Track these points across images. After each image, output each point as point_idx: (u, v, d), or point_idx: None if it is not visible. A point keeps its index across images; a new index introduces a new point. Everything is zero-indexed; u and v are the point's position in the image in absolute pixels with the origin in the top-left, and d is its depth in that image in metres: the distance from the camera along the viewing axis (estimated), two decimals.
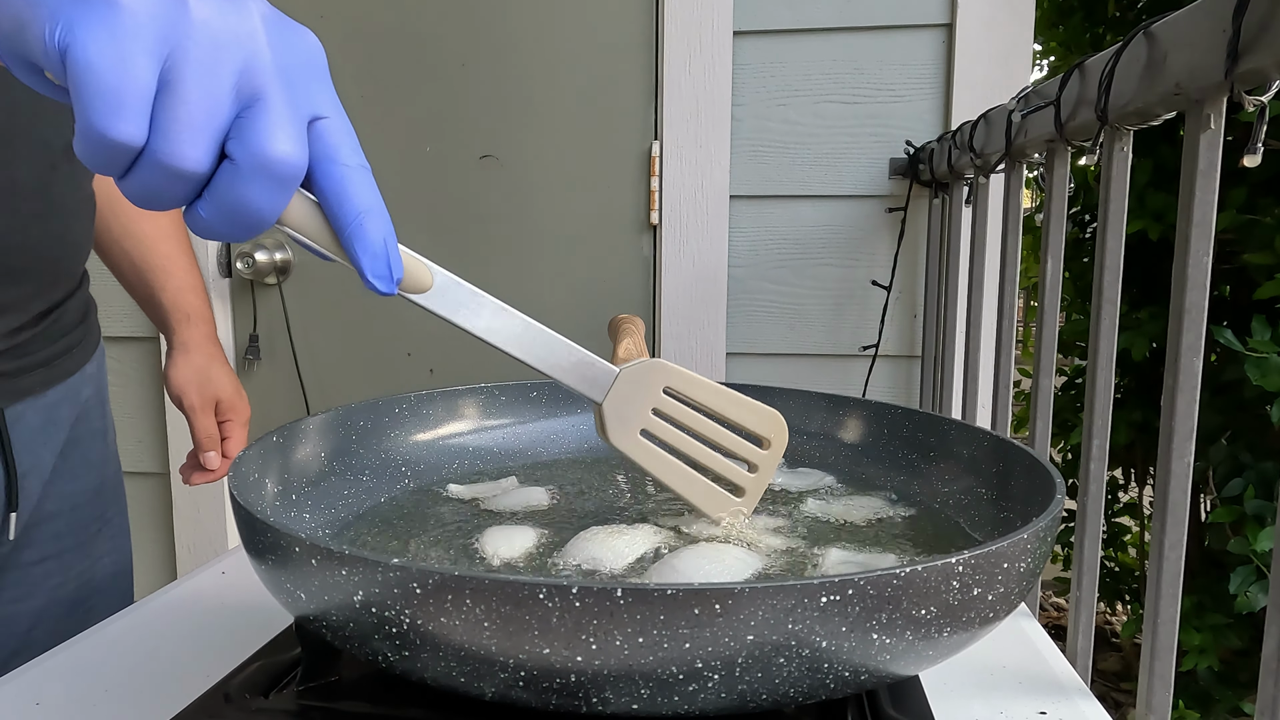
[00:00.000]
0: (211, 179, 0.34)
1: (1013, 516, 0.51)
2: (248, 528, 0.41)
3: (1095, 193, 1.63)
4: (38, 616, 0.76)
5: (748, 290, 1.37)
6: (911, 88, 1.30)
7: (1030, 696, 0.52)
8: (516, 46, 1.41)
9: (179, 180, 0.33)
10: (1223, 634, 1.45)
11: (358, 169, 0.37)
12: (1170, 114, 0.57)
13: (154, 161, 0.32)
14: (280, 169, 0.34)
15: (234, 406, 0.92)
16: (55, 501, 0.77)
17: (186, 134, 0.32)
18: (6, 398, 0.71)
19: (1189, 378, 0.53)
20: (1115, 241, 0.63)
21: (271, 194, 0.34)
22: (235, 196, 0.34)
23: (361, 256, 0.38)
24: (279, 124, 0.34)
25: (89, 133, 0.31)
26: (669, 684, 0.34)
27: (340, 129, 0.37)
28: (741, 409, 0.52)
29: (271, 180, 0.34)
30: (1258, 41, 0.45)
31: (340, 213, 0.37)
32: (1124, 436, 1.66)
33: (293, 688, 0.46)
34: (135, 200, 0.34)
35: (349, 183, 0.37)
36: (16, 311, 0.70)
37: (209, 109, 0.32)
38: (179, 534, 1.55)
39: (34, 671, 0.55)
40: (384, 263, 0.39)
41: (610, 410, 0.50)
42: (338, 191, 0.37)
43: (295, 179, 0.35)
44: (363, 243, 0.38)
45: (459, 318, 0.44)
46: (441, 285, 0.43)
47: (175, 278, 0.89)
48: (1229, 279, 1.49)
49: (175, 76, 0.32)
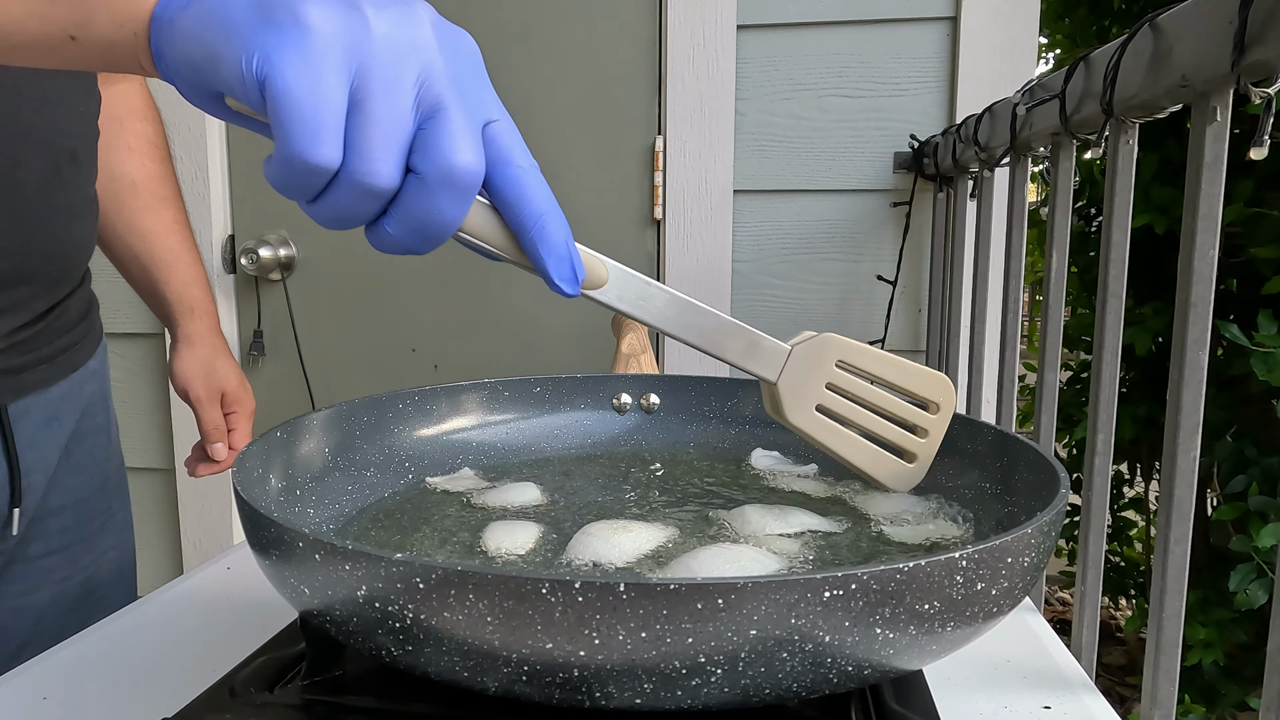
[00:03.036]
0: (398, 194, 0.34)
1: (1017, 511, 0.51)
2: (252, 523, 0.41)
3: (1100, 186, 1.62)
4: (44, 610, 0.77)
5: (752, 285, 1.36)
6: (916, 81, 1.30)
7: (1035, 691, 0.52)
8: (519, 42, 1.41)
9: (370, 198, 0.34)
10: (1228, 629, 1.45)
11: (530, 170, 0.37)
12: (1176, 106, 0.57)
13: (350, 182, 0.33)
14: (464, 179, 0.34)
15: (239, 399, 0.92)
16: (60, 496, 0.77)
17: (379, 152, 0.33)
18: (10, 394, 0.71)
19: (1194, 372, 0.53)
20: (1120, 235, 0.63)
21: (455, 204, 0.35)
22: (423, 210, 0.34)
23: (547, 260, 0.38)
24: (459, 134, 0.34)
25: (291, 160, 0.32)
26: (672, 678, 0.34)
27: (509, 131, 0.37)
28: (910, 376, 0.52)
29: (456, 191, 0.34)
30: (1264, 33, 0.45)
31: (520, 217, 0.38)
32: (1129, 431, 1.66)
33: (297, 682, 0.46)
34: (325, 222, 0.35)
35: (525, 186, 0.37)
36: (21, 310, 0.70)
37: (397, 125, 0.33)
38: (184, 529, 1.56)
39: (41, 666, 0.55)
40: (568, 264, 0.39)
41: (786, 388, 0.50)
42: (516, 195, 0.37)
43: (476, 186, 0.35)
44: (546, 245, 0.38)
45: (638, 311, 0.45)
46: (616, 279, 0.44)
47: (179, 272, 0.89)
48: (1235, 273, 1.48)
49: (364, 95, 0.33)
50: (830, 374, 0.51)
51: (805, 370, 0.50)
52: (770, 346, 0.49)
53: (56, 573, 0.78)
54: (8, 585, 0.75)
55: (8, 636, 0.75)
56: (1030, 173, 0.85)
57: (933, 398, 0.53)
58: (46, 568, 0.77)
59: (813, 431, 0.52)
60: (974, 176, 1.05)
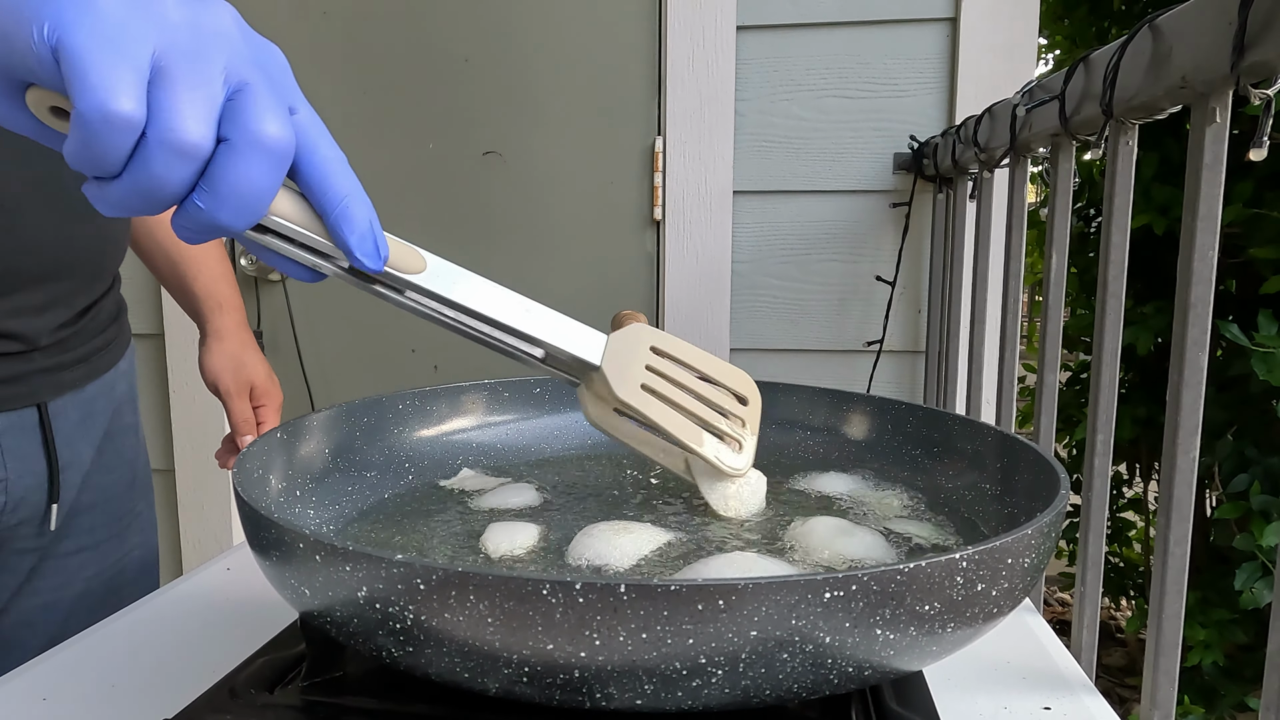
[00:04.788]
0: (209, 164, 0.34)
1: (1017, 512, 0.51)
2: (252, 524, 0.41)
3: (1100, 187, 1.62)
4: (74, 605, 0.78)
5: (751, 286, 1.36)
6: (915, 82, 1.30)
7: (1035, 691, 0.52)
8: (519, 42, 1.41)
9: (182, 160, 0.33)
10: (1228, 629, 1.45)
11: (337, 159, 0.39)
12: (1176, 107, 0.57)
13: (159, 142, 0.32)
14: (275, 145, 0.35)
15: (267, 391, 0.94)
16: (92, 494, 0.79)
17: (188, 109, 0.32)
18: (50, 392, 0.73)
19: (1194, 372, 0.53)
20: (1120, 236, 0.63)
21: (267, 171, 0.35)
22: (235, 176, 0.34)
23: (349, 236, 0.39)
24: (267, 106, 0.34)
25: (88, 115, 0.31)
26: (673, 680, 0.34)
27: (315, 124, 0.38)
28: (719, 368, 0.54)
29: (267, 158, 0.35)
30: (1264, 34, 0.45)
31: (325, 198, 0.39)
32: (1129, 431, 1.66)
33: (297, 683, 0.46)
34: (129, 204, 0.34)
35: (331, 171, 0.38)
36: (62, 307, 0.73)
37: (204, 89, 0.33)
38: (184, 530, 1.56)
39: (41, 667, 0.55)
40: (371, 241, 0.40)
41: (611, 370, 0.50)
42: (321, 178, 0.38)
43: (287, 157, 0.36)
44: (349, 223, 0.39)
45: (451, 293, 0.45)
46: (433, 268, 0.44)
47: (207, 268, 0.92)
48: (1235, 273, 1.48)
49: (167, 63, 0.32)
50: (648, 357, 0.52)
51: (625, 355, 0.51)
52: (589, 332, 0.50)
53: (86, 569, 0.79)
54: (40, 581, 0.76)
55: (38, 633, 0.76)
56: (1030, 173, 0.85)
57: (741, 390, 0.54)
58: (77, 565, 0.79)
59: (643, 408, 0.51)
60: (973, 177, 1.05)
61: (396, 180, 1.45)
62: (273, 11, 1.45)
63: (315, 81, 1.44)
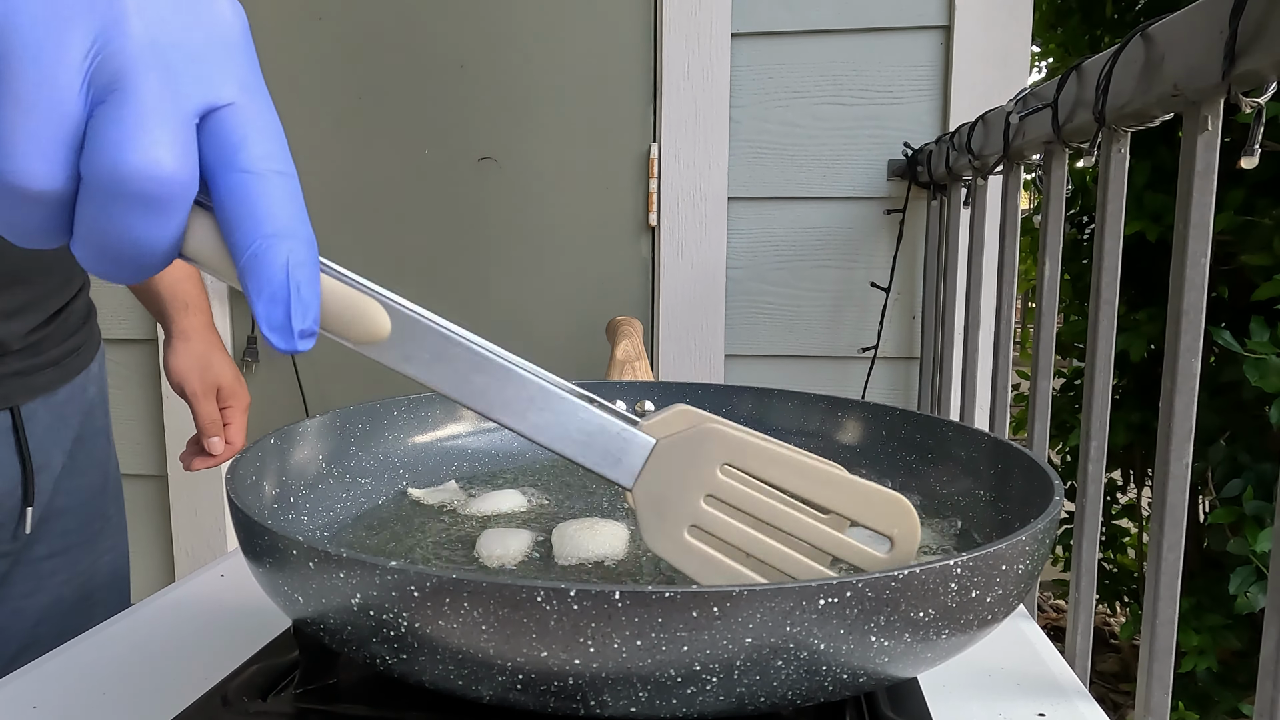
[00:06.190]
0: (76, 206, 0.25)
1: (1011, 518, 0.51)
2: (245, 530, 0.41)
3: (1093, 194, 1.63)
4: (45, 611, 0.78)
5: (746, 292, 1.37)
6: (909, 89, 1.30)
7: (1029, 698, 0.52)
8: (515, 48, 1.41)
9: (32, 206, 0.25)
10: (1221, 635, 1.45)
11: (268, 176, 0.27)
12: (1168, 115, 0.57)
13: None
14: (144, 186, 0.25)
15: (234, 393, 0.93)
16: (64, 498, 0.79)
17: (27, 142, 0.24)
18: (22, 395, 0.73)
19: (1187, 379, 0.53)
20: (1113, 243, 0.63)
21: (145, 222, 0.25)
22: (100, 228, 0.25)
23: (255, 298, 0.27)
24: (140, 124, 0.24)
25: None
26: (667, 687, 0.34)
27: (248, 121, 0.27)
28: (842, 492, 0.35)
29: (137, 204, 0.25)
30: (1255, 43, 0.45)
31: (233, 238, 0.27)
32: (1122, 438, 1.67)
33: (291, 690, 0.46)
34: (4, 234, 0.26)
35: (248, 198, 0.27)
36: (35, 310, 0.72)
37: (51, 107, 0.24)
38: (177, 537, 1.55)
39: (31, 675, 0.54)
40: (282, 307, 0.27)
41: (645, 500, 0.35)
42: (234, 208, 0.27)
43: (175, 198, 0.25)
44: (257, 278, 0.27)
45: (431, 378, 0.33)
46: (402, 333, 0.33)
47: (173, 266, 0.91)
48: (1227, 280, 1.49)
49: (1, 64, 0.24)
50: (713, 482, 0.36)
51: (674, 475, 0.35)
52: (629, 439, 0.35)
53: (58, 575, 0.79)
54: (11, 587, 0.76)
55: (8, 639, 0.76)
56: (1023, 180, 0.85)
57: (882, 527, 0.36)
58: (48, 569, 0.78)
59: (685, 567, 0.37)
60: (967, 184, 1.06)
61: (391, 186, 1.45)
62: (267, 17, 1.45)
63: (311, 87, 1.44)
